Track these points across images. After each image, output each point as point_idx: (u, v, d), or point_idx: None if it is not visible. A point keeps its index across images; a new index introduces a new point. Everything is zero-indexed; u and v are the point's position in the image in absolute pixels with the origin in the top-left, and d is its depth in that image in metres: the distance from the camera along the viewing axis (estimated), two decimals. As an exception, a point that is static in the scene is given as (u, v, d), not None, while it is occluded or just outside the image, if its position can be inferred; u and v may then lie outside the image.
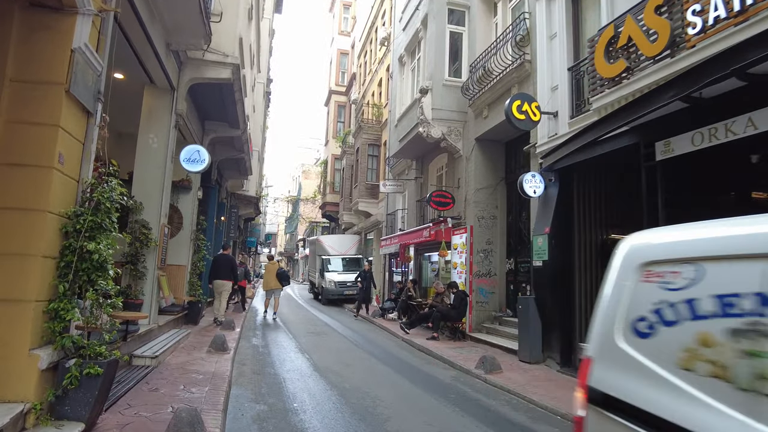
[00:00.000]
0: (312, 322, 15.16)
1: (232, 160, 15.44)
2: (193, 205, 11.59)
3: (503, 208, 12.42)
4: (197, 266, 11.81)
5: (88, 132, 4.44)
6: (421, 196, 16.00)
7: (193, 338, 9.51)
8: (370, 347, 10.69)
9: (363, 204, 22.23)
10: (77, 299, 4.08)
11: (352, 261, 23.10)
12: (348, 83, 32.66)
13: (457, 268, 12.55)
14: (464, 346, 10.71)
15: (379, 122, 22.87)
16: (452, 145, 12.97)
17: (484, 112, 11.88)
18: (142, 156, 8.27)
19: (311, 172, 57.73)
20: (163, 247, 8.46)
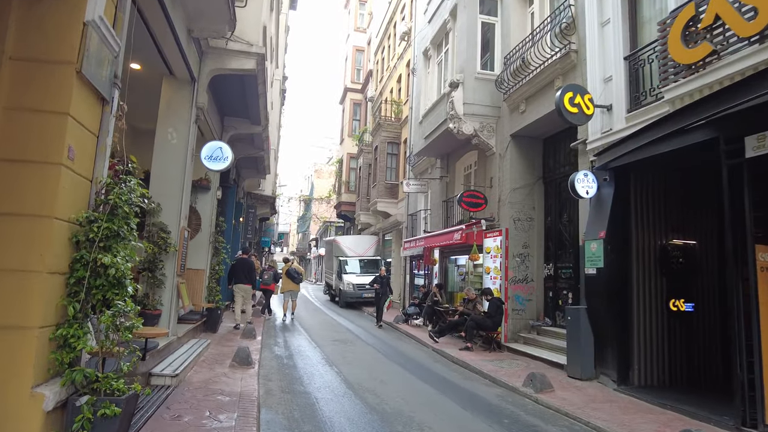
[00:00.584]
0: (333, 327, 14.47)
1: (250, 159, 14.79)
2: (212, 206, 10.95)
3: (540, 209, 11.62)
4: (216, 270, 11.16)
5: (103, 123, 3.76)
6: (446, 197, 15.25)
7: (213, 349, 8.85)
8: (401, 359, 9.97)
9: (382, 204, 21.52)
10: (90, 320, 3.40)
11: (371, 263, 22.38)
12: (364, 81, 31.96)
13: (490, 273, 11.78)
14: (501, 358, 9.94)
15: (399, 120, 22.13)
16: (485, 142, 12.20)
17: (521, 107, 11.10)
18: (161, 152, 7.61)
19: (324, 171, 57.30)
20: (182, 252, 7.80)
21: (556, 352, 9.58)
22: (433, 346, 11.32)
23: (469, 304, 11.95)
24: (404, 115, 21.64)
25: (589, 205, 8.46)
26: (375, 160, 23.00)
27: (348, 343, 11.64)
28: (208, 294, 10.79)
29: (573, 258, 10.35)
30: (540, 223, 11.58)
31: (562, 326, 10.49)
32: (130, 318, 3.50)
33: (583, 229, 8.81)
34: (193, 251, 10.45)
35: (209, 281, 10.89)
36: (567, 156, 10.91)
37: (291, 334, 12.68)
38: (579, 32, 9.26)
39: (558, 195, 11.16)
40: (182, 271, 7.88)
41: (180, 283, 7.71)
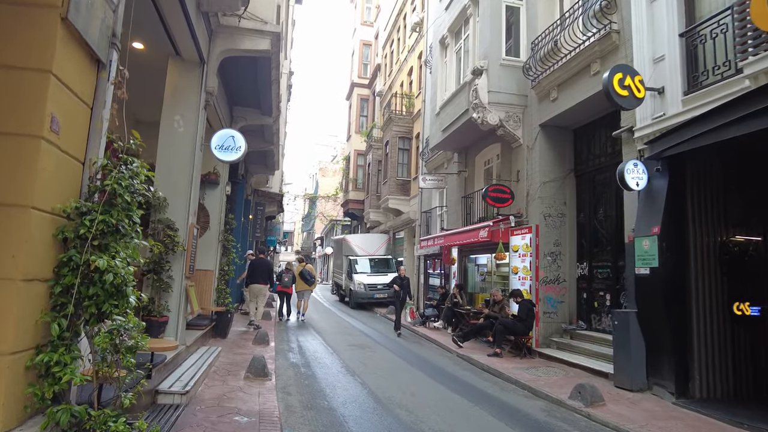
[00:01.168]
0: (347, 330, 13.72)
1: (259, 154, 14.04)
2: (221, 202, 10.21)
3: (572, 204, 10.84)
4: (225, 271, 10.42)
5: (99, 91, 3.01)
6: (465, 192, 14.47)
7: (225, 357, 8.10)
8: (426, 366, 9.21)
9: (393, 201, 20.75)
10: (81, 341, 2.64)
11: (382, 262, 21.64)
12: (372, 75, 31.18)
13: (518, 274, 11.00)
14: (535, 365, 9.17)
15: (411, 113, 21.36)
16: (510, 133, 11.41)
17: (552, 94, 10.31)
18: (166, 142, 6.86)
19: (328, 169, 56.53)
20: (191, 252, 7.05)
21: (595, 359, 8.82)
22: (457, 351, 10.57)
23: (495, 306, 11.19)
24: (416, 108, 20.87)
25: (637, 198, 7.68)
26: (385, 156, 22.23)
27: (366, 348, 10.88)
28: (217, 297, 10.06)
29: (612, 256, 9.57)
30: (572, 220, 10.80)
31: (598, 330, 9.75)
32: (132, 336, 2.75)
33: (629, 224, 8.04)
34: (201, 251, 9.71)
35: (218, 283, 10.16)
36: (603, 146, 10.14)
37: (304, 338, 11.93)
38: (622, 11, 8.47)
39: (592, 189, 10.38)
40: (191, 272, 7.13)
41: (189, 286, 6.96)
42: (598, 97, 9.16)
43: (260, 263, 12.28)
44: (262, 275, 12.02)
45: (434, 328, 13.84)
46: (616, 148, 9.74)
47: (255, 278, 12.00)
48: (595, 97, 9.18)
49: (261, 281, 12.02)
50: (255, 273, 12.05)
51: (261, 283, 12.06)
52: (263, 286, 12.17)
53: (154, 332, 6.15)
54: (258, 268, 12.10)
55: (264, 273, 12.11)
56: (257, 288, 12.10)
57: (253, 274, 12.05)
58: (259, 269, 12.07)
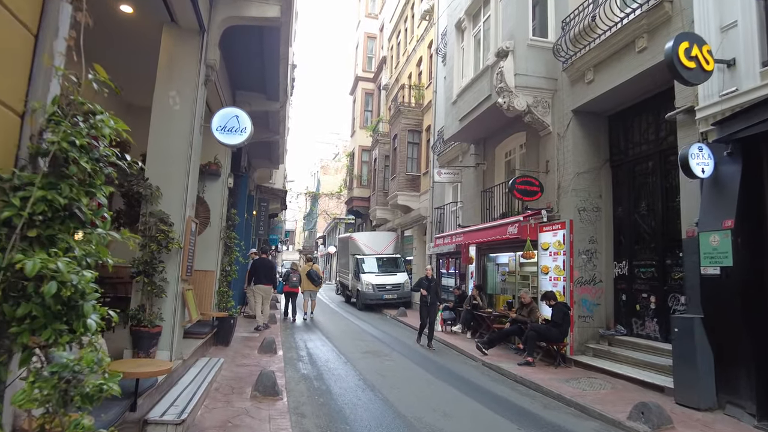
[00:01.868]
0: (358, 335, 12.74)
1: (263, 145, 13.07)
2: (223, 196, 9.25)
3: (608, 197, 9.87)
4: (228, 272, 9.44)
5: (48, 11, 2.01)
6: (484, 186, 13.49)
7: (228, 370, 7.13)
8: (452, 378, 8.24)
9: (403, 197, 19.77)
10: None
11: (390, 261, 20.67)
12: (377, 69, 30.20)
13: (548, 274, 10.02)
14: (574, 375, 8.20)
15: (420, 105, 20.38)
16: (539, 120, 10.43)
17: (588, 76, 9.33)
18: (160, 122, 5.89)
19: (330, 167, 55.72)
20: (189, 250, 6.07)
21: (642, 369, 7.86)
22: (482, 359, 9.62)
23: (524, 309, 10.21)
24: (426, 100, 19.91)
25: (699, 188, 6.71)
26: (394, 151, 21.25)
27: (381, 355, 9.91)
28: (218, 300, 9.09)
29: (657, 254, 8.61)
30: (608, 214, 9.82)
31: (641, 335, 8.79)
32: (92, 374, 1.77)
33: (687, 218, 7.07)
34: (200, 249, 8.75)
35: (220, 285, 9.18)
36: (644, 133, 9.17)
37: (314, 343, 10.96)
38: (676, -24, 7.49)
39: (632, 180, 9.41)
40: (189, 274, 6.15)
41: (186, 290, 5.98)
42: (644, 78, 8.25)
43: (263, 263, 12.00)
44: (265, 275, 11.76)
45: (452, 333, 12.87)
46: (660, 135, 8.79)
47: (258, 279, 11.70)
48: (640, 78, 8.24)
49: (265, 282, 11.77)
50: (258, 273, 11.74)
51: (265, 283, 11.80)
52: (267, 287, 11.89)
53: (145, 345, 5.18)
54: (261, 268, 11.81)
55: (267, 273, 11.83)
56: (261, 289, 11.81)
57: (257, 275, 11.74)
58: (263, 269, 11.79)
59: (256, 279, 11.76)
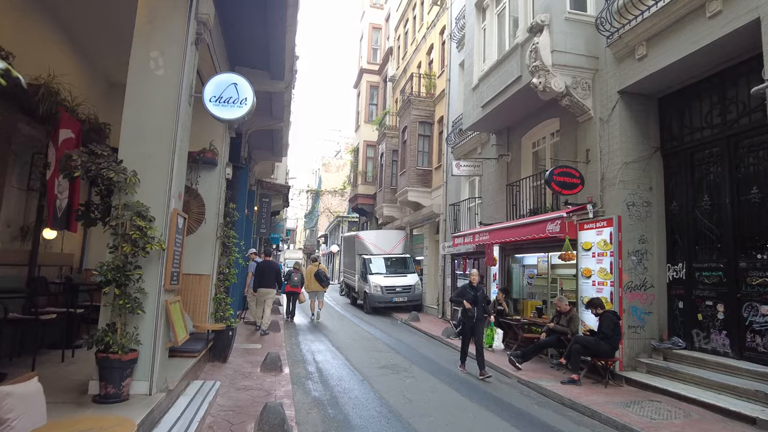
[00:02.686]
0: (371, 344, 11.52)
1: (265, 134, 11.86)
2: (220, 188, 8.02)
3: (659, 190, 8.64)
4: (226, 275, 8.21)
5: None
6: (509, 180, 12.25)
7: (225, 396, 5.90)
8: (489, 401, 7.02)
9: (413, 193, 18.53)
10: None
11: (399, 261, 19.46)
12: (382, 60, 28.97)
13: (591, 278, 8.80)
14: (633, 397, 6.99)
15: (432, 96, 19.14)
16: (578, 103, 9.20)
17: (639, 51, 8.11)
18: (138, 90, 4.66)
19: (332, 165, 54.73)
20: (175, 252, 4.83)
21: (717, 392, 6.66)
22: (516, 375, 8.43)
23: (562, 318, 9.00)
24: (438, 90, 18.68)
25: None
26: (403, 144, 20.01)
27: (401, 371, 8.69)
28: (215, 309, 7.86)
29: (725, 255, 7.38)
30: (660, 209, 8.61)
31: (705, 350, 7.59)
32: None
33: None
34: (194, 249, 7.57)
35: (216, 291, 7.96)
36: (707, 116, 7.95)
37: (323, 356, 9.73)
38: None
39: (690, 170, 8.18)
40: (175, 282, 4.91)
41: (171, 303, 4.73)
42: (714, 49, 7.03)
43: (268, 265, 11.54)
44: (270, 278, 11.33)
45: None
46: (728, 117, 7.57)
47: (263, 282, 11.27)
48: (710, 50, 7.03)
49: (269, 285, 11.32)
50: (263, 276, 11.31)
51: (269, 286, 11.34)
52: (271, 290, 11.43)
53: (115, 377, 3.96)
54: (266, 270, 11.38)
55: (273, 276, 11.41)
56: (265, 292, 11.33)
57: (261, 277, 11.30)
58: (268, 272, 11.37)
59: (261, 282, 11.27)
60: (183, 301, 7.39)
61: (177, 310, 4.87)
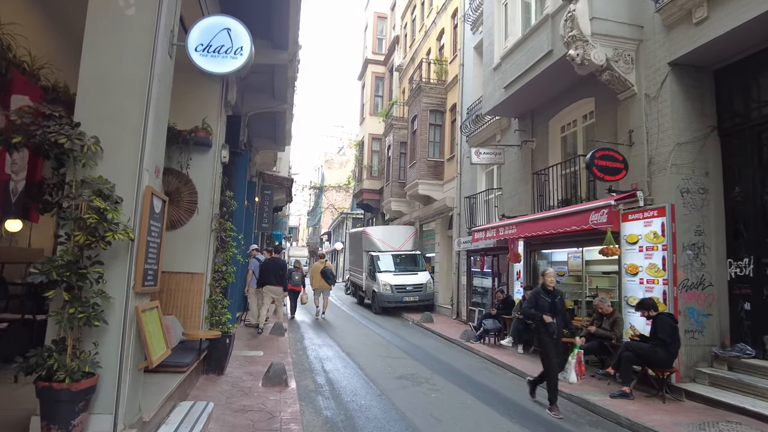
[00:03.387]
0: (384, 349, 10.46)
1: (267, 119, 10.79)
2: (214, 174, 6.97)
3: (717, 175, 7.55)
4: (222, 273, 7.15)
5: None
6: (535, 168, 11.16)
7: (220, 421, 4.84)
8: (529, 420, 5.96)
9: (424, 186, 17.44)
10: None
11: (409, 258, 18.39)
12: (388, 50, 27.87)
13: (637, 275, 7.73)
14: (701, 416, 5.93)
15: (443, 82, 18.04)
16: (619, 78, 8.12)
17: (698, 13, 7.01)
18: (101, 32, 3.59)
19: (335, 161, 53.78)
20: (152, 244, 3.76)
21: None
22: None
23: (604, 321, 7.93)
24: (450, 76, 17.58)
25: None
26: (412, 135, 18.91)
27: (421, 381, 7.63)
28: (210, 312, 6.80)
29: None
30: (718, 197, 7.52)
31: (780, 359, 6.51)
32: None
33: None
34: (185, 245, 6.53)
35: (212, 292, 6.90)
36: (779, 87, 6.85)
37: (332, 363, 8.68)
38: None
39: (756, 152, 7.10)
40: (150, 283, 3.80)
41: (144, 311, 3.63)
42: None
43: (274, 263, 11.32)
44: (275, 276, 11.03)
45: (499, 347, 10.59)
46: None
47: (268, 279, 10.96)
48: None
49: (275, 282, 11.01)
50: (268, 273, 11.00)
51: (275, 284, 11.03)
52: (277, 288, 11.12)
53: (64, 414, 2.92)
54: (271, 268, 11.10)
55: (278, 273, 11.11)
56: (270, 290, 11.02)
57: (266, 275, 11.00)
58: (273, 269, 11.08)
59: (265, 279, 10.95)
60: (172, 305, 6.35)
61: (153, 320, 3.79)
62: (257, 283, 11.13)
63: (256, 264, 11.22)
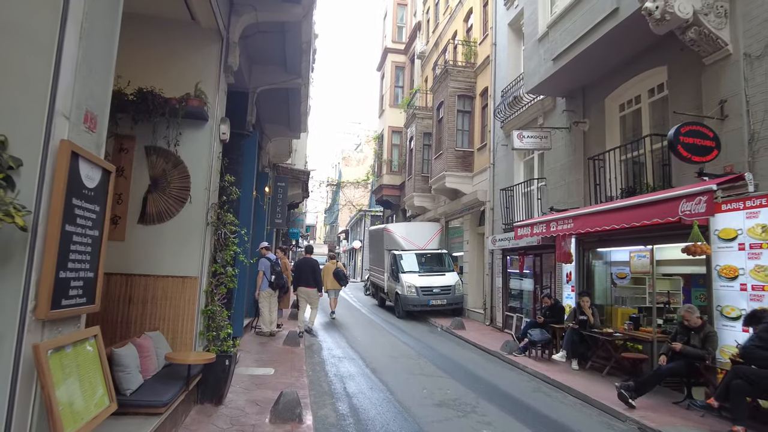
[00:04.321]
0: (415, 363, 9.03)
1: (278, 98, 9.44)
2: (212, 154, 5.61)
3: (841, 153, 5.98)
4: (222, 277, 5.77)
5: None
6: (588, 153, 9.62)
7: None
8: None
9: (452, 179, 15.94)
10: None
11: (435, 258, 16.95)
12: (409, 37, 26.41)
13: (736, 279, 6.18)
14: None
15: (473, 65, 16.52)
16: (709, 35, 6.57)
17: (825, -56, 5.43)
18: None
19: (352, 158, 52.76)
20: (73, 237, 2.37)
21: None
22: (632, 416, 5.89)
23: (693, 337, 6.40)
24: (480, 58, 16.05)
25: None
26: (438, 123, 17.43)
27: (467, 410, 6.19)
28: (206, 326, 5.45)
29: None
30: (842, 181, 5.94)
31: None
32: None
33: None
34: (173, 242, 5.21)
35: (208, 300, 5.54)
36: None
37: (356, 384, 7.27)
38: None
39: None
40: (74, 301, 2.37)
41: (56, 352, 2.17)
42: None
43: (307, 263, 11.15)
44: (313, 277, 10.94)
45: (547, 360, 9.11)
46: None
47: (305, 280, 10.90)
48: None
49: (309, 284, 10.87)
50: (302, 274, 10.98)
51: (309, 286, 10.87)
52: (311, 290, 10.93)
53: None
54: (305, 268, 11.02)
55: (312, 274, 10.97)
56: (305, 291, 10.90)
57: (301, 276, 10.98)
58: (306, 270, 10.98)
59: (300, 281, 10.87)
60: (158, 317, 5.02)
61: (81, 362, 2.38)
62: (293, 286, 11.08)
63: (266, 264, 9.91)
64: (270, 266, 9.89)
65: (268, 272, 9.85)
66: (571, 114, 10.22)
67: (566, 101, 10.47)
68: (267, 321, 9.99)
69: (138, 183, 5.36)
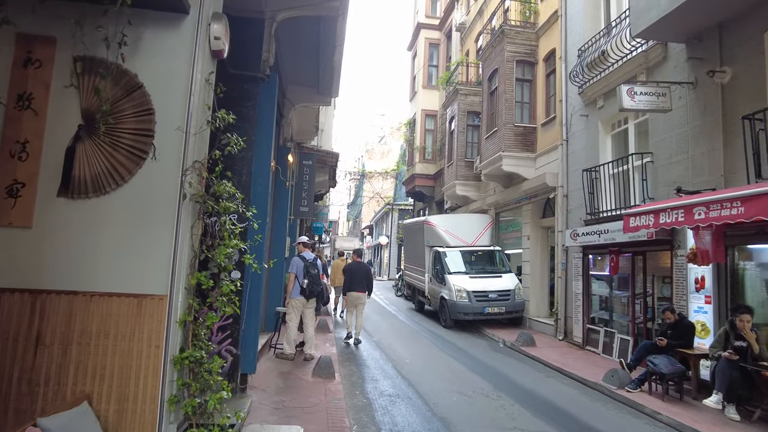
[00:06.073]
0: (498, 405, 6.51)
1: (306, 39, 6.98)
2: (194, 75, 3.09)
3: None
4: (214, 295, 3.28)
5: None
6: (729, 113, 6.92)
7: None
8: None
9: (511, 161, 13.27)
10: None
11: (486, 256, 14.38)
12: (445, 9, 23.73)
13: None
14: None
15: (533, 25, 13.81)
16: None
17: None
18: None
19: (375, 151, 50.70)
20: None
21: None
22: None
23: None
24: (542, 17, 13.35)
25: None
26: (490, 96, 14.75)
27: None
28: (182, 389, 2.97)
29: None
30: None
31: None
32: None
33: None
34: (120, 230, 2.73)
35: (186, 340, 3.07)
36: None
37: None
38: None
39: None
40: None
41: None
42: None
43: (358, 267, 10.47)
44: (360, 281, 10.20)
45: (681, 401, 6.47)
46: None
47: (359, 284, 10.17)
48: None
49: (361, 288, 10.19)
50: (353, 279, 10.23)
51: (360, 290, 10.19)
52: (361, 294, 10.22)
53: None
54: (356, 272, 10.30)
55: (364, 278, 10.26)
56: (355, 296, 10.22)
57: (352, 280, 10.22)
58: (357, 274, 10.27)
59: (352, 285, 10.18)
60: (91, 370, 2.55)
61: None
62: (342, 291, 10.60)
63: (300, 265, 7.53)
64: (304, 267, 7.46)
65: (300, 275, 7.43)
66: (698, 63, 7.51)
67: (688, 47, 7.74)
68: (291, 339, 7.57)
69: (59, 123, 2.95)
